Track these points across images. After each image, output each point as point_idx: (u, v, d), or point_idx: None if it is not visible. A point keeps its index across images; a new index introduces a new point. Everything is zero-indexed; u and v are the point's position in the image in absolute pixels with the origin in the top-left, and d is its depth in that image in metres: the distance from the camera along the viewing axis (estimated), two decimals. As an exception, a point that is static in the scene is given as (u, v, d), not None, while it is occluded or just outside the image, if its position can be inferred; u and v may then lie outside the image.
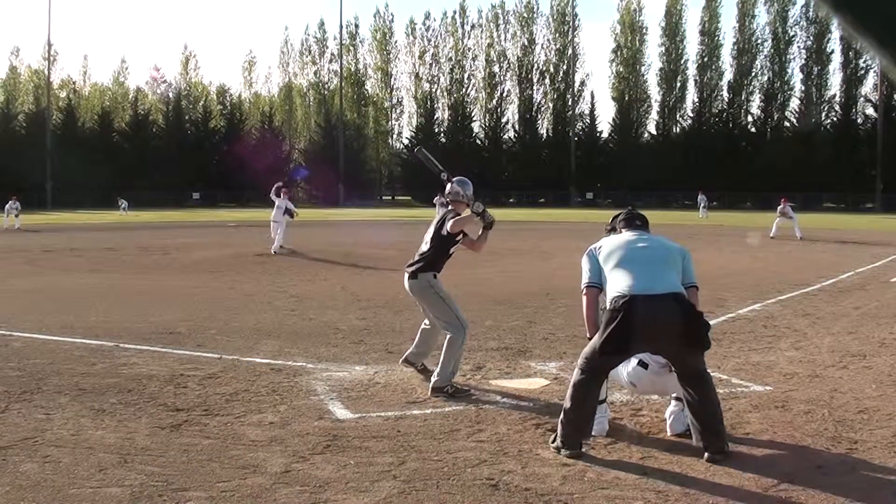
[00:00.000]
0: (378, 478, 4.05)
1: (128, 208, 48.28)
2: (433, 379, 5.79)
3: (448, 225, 5.98)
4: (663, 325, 4.33)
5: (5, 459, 4.26)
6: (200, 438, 4.67)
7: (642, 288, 4.38)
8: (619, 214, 5.14)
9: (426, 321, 6.25)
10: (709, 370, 4.64)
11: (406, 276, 6.14)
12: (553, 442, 4.52)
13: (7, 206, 31.33)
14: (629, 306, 4.32)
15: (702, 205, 43.90)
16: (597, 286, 4.67)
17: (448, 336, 5.89)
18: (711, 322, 8.75)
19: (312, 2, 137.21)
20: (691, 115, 74.10)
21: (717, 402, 4.50)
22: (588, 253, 4.81)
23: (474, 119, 79.94)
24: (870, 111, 68.01)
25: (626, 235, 4.84)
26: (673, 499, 3.80)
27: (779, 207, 25.35)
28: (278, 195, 18.86)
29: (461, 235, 6.14)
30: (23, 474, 4.04)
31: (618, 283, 4.48)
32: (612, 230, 5.05)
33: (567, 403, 4.52)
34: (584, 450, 4.43)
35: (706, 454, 4.32)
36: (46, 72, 72.60)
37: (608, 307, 4.47)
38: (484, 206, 6.05)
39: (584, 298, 4.72)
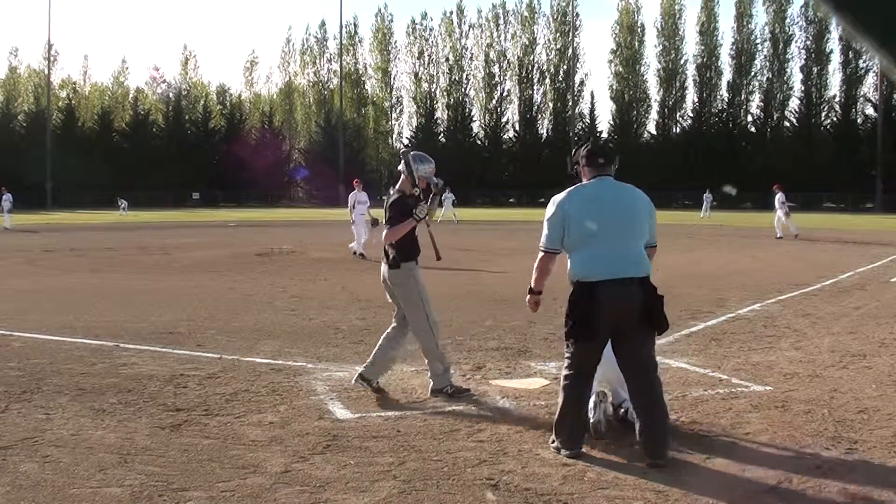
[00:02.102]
0: (378, 478, 4.05)
1: (127, 208, 48.28)
2: (430, 382, 5.74)
3: (383, 235, 5.84)
4: (627, 308, 4.28)
5: (5, 459, 4.26)
6: (200, 438, 4.67)
7: (608, 272, 4.28)
8: (582, 147, 4.70)
9: (391, 328, 5.94)
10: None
11: (385, 266, 5.88)
12: (553, 442, 4.51)
13: (2, 199, 30.98)
14: (595, 291, 4.26)
15: (706, 204, 43.84)
16: (554, 252, 4.50)
17: (419, 345, 5.78)
18: (711, 322, 8.81)
19: (313, 2, 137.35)
20: (691, 115, 74.14)
21: (663, 402, 4.42)
22: (552, 213, 4.48)
23: (474, 119, 80.00)
24: (870, 111, 68.05)
25: (593, 191, 4.49)
26: (673, 499, 3.80)
27: (776, 197, 24.80)
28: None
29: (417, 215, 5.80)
30: (23, 474, 4.04)
31: (583, 261, 4.35)
32: (576, 165, 4.67)
33: (560, 403, 4.50)
34: (583, 449, 4.41)
35: (647, 459, 4.24)
36: (46, 72, 72.59)
37: (573, 286, 4.37)
38: (426, 211, 5.86)
39: (539, 259, 4.57)
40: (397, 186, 6.03)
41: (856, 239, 24.79)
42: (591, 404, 4.70)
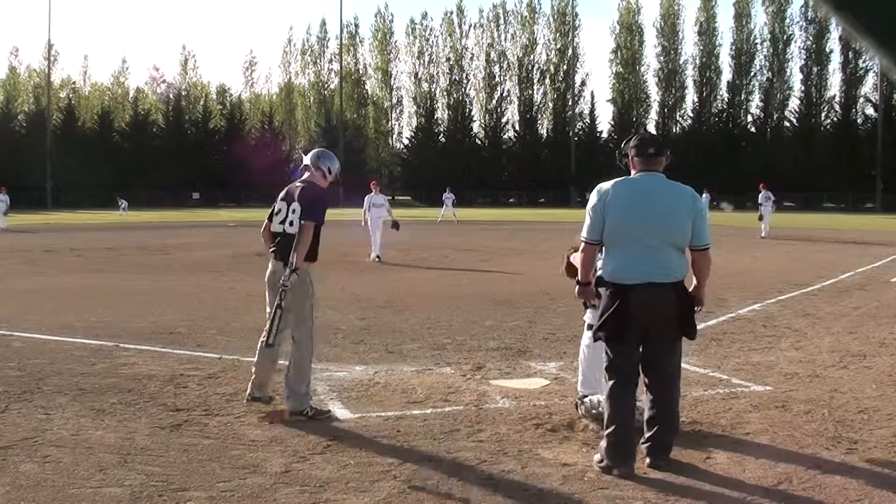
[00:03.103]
0: (378, 478, 4.05)
1: (127, 208, 48.23)
2: (288, 402, 5.16)
3: (303, 230, 5.28)
4: (658, 314, 4.19)
5: (5, 459, 4.26)
6: (200, 438, 4.67)
7: (642, 275, 4.16)
8: (632, 139, 4.50)
9: (266, 338, 5.33)
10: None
11: (280, 264, 5.27)
12: (600, 462, 4.19)
13: None
14: (627, 295, 4.16)
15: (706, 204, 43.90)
16: (596, 243, 4.33)
17: (297, 354, 5.24)
18: (711, 322, 8.80)
19: (313, 2, 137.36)
20: (691, 115, 74.15)
21: (678, 410, 4.41)
22: (594, 202, 4.30)
23: (474, 119, 80.00)
24: (870, 111, 68.06)
25: (639, 186, 4.31)
26: (673, 499, 3.80)
27: (761, 195, 25.13)
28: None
29: None
30: (23, 474, 4.04)
31: (617, 261, 4.22)
32: (624, 157, 4.47)
33: (606, 418, 4.28)
34: (635, 468, 4.13)
35: (648, 460, 4.20)
36: (46, 72, 72.60)
37: (606, 287, 4.27)
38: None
39: (583, 251, 4.42)
40: (306, 177, 5.55)
41: (856, 239, 24.78)
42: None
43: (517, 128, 78.43)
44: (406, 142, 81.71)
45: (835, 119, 69.52)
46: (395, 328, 8.54)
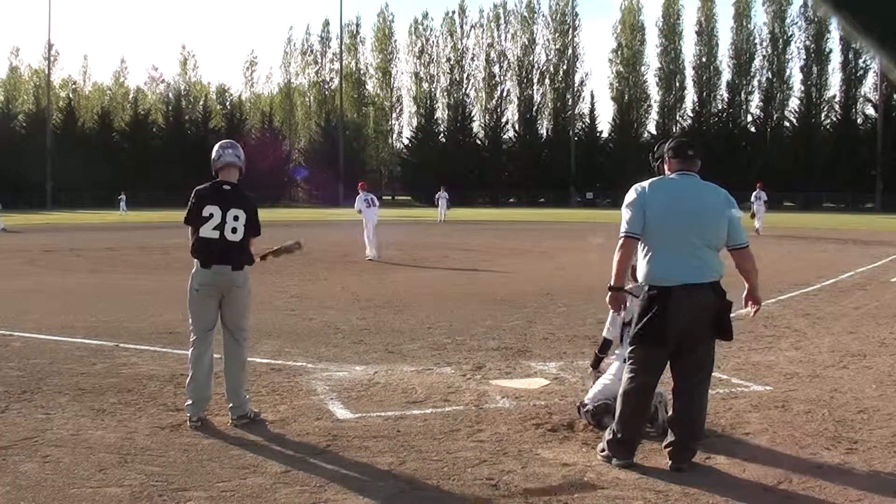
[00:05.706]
0: (378, 478, 4.05)
1: (126, 208, 48.15)
2: (234, 408, 5.02)
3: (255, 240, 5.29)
4: (700, 316, 4.14)
5: (5, 459, 4.26)
6: (200, 438, 4.68)
7: (684, 276, 4.11)
8: (670, 141, 4.53)
9: (198, 345, 5.09)
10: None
11: (227, 267, 5.10)
12: (602, 451, 4.33)
13: None
14: (670, 297, 4.09)
15: None
16: (637, 237, 4.21)
17: (243, 353, 5.19)
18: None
19: (314, 2, 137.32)
20: (691, 115, 74.15)
21: (705, 415, 4.39)
22: (633, 198, 4.25)
23: (474, 119, 80.00)
24: (870, 111, 68.06)
25: (676, 186, 4.30)
26: (673, 499, 3.80)
27: (753, 193, 25.26)
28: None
29: None
30: (23, 474, 4.04)
31: (659, 263, 4.16)
32: (660, 159, 4.49)
33: (618, 413, 4.28)
34: (636, 459, 4.24)
35: (671, 463, 4.21)
36: (46, 72, 72.61)
37: (644, 291, 4.21)
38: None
39: (621, 247, 4.25)
40: (238, 179, 5.55)
41: (856, 239, 24.78)
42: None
43: (517, 128, 78.45)
44: (406, 142, 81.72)
45: (835, 119, 69.51)
46: (395, 328, 8.54)
